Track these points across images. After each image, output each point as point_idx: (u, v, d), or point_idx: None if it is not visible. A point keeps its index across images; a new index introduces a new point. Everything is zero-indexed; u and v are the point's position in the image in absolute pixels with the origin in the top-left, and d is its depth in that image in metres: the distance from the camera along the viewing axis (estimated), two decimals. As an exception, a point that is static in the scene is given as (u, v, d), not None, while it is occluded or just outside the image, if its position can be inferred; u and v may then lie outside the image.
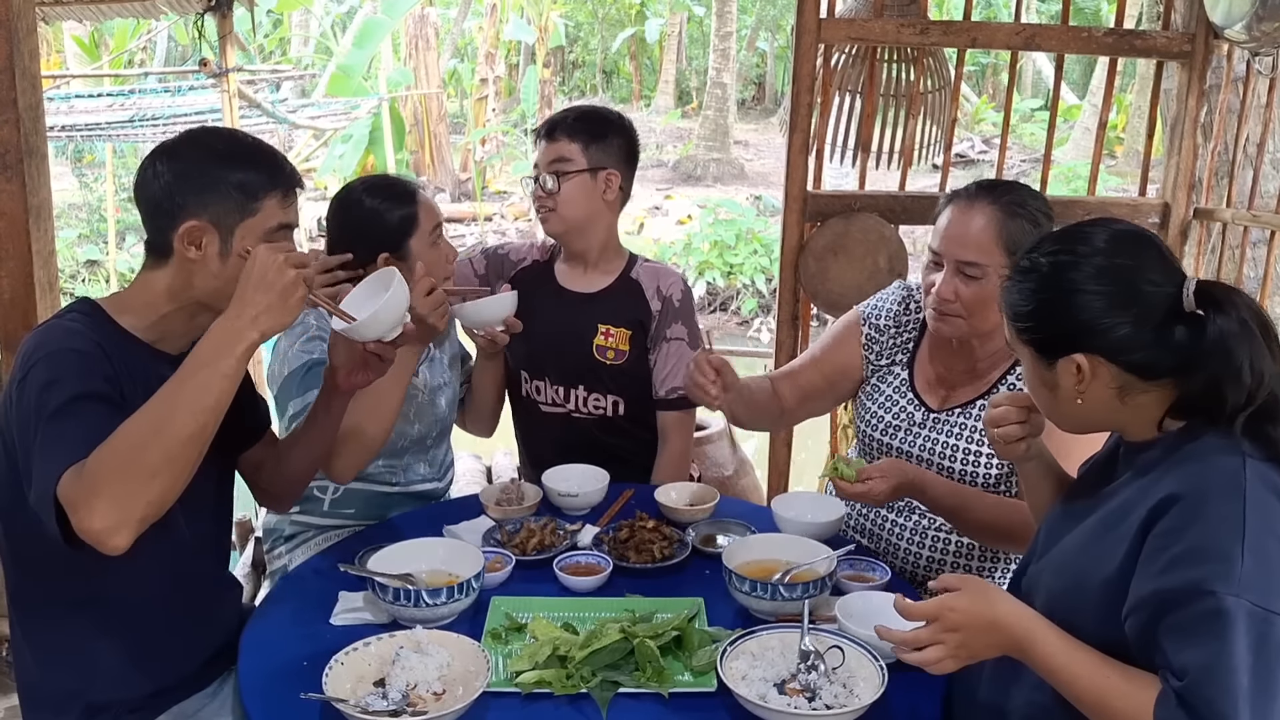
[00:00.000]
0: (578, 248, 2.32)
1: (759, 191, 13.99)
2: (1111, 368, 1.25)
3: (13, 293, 2.38)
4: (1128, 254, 1.27)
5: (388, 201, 2.02)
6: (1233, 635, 1.09)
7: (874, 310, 2.07)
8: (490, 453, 4.58)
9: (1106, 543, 1.26)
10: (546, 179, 2.23)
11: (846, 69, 3.09)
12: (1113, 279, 1.25)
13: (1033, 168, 13.85)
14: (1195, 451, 1.23)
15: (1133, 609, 1.18)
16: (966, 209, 1.80)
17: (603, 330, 2.29)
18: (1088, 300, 1.25)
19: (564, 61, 22.57)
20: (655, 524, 1.85)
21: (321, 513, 2.15)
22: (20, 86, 2.29)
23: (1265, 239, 3.10)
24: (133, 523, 1.25)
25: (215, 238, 1.47)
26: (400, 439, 2.13)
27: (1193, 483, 1.19)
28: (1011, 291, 1.34)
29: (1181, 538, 1.15)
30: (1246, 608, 1.09)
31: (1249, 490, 1.15)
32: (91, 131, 7.34)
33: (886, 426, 1.98)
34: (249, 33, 11.84)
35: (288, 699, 1.35)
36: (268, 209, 1.49)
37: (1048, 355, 1.30)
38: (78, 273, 10.84)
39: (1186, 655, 1.10)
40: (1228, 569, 1.11)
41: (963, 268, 1.79)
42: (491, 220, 13.46)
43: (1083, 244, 1.29)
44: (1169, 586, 1.14)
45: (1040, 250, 1.33)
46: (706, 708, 1.37)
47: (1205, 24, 2.92)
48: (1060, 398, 1.31)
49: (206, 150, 1.50)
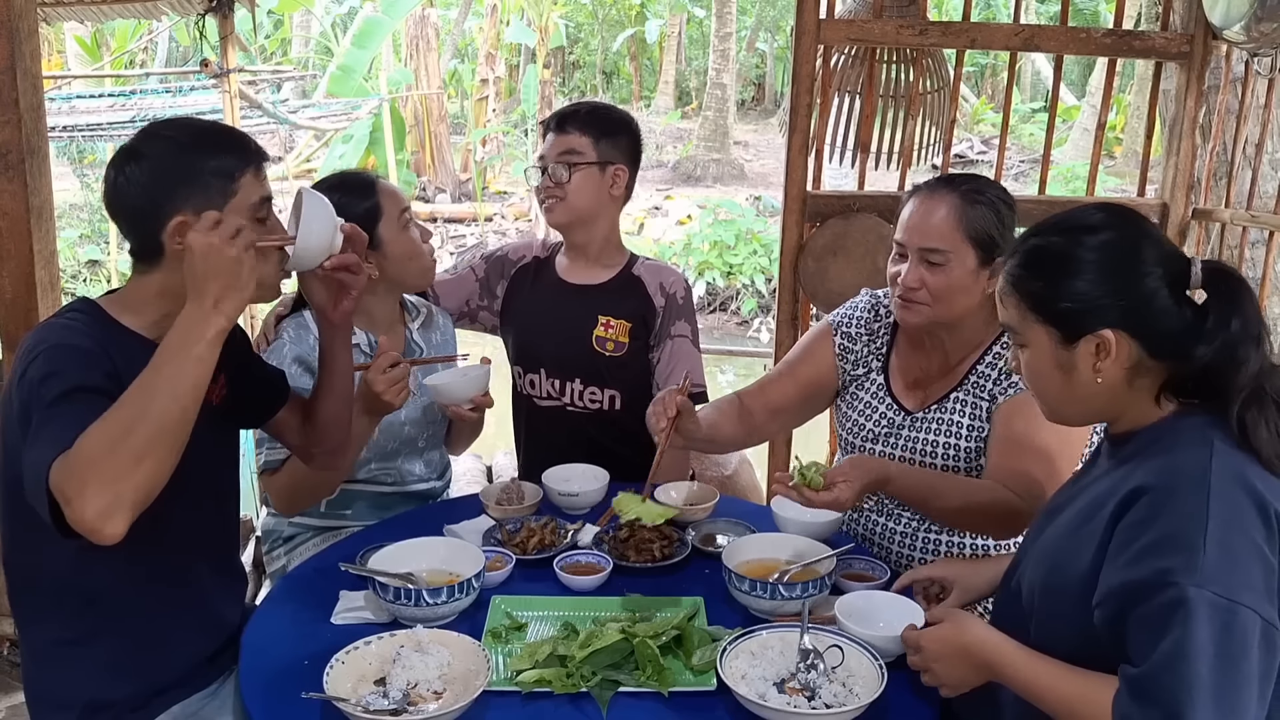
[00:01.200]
0: (580, 240, 2.33)
1: (759, 192, 14.00)
2: (1132, 344, 1.27)
3: (14, 292, 2.39)
4: (1140, 228, 1.31)
5: (349, 195, 2.01)
6: (1194, 625, 1.10)
7: (844, 319, 2.07)
8: (490, 453, 4.59)
9: (1081, 536, 1.28)
10: (557, 169, 2.23)
11: (846, 69, 3.10)
12: (1129, 248, 1.28)
13: (1031, 168, 13.87)
14: (1167, 443, 1.25)
15: (1100, 601, 1.20)
16: (928, 199, 1.84)
17: (603, 321, 2.29)
18: (1109, 270, 1.27)
19: (564, 62, 22.58)
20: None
21: (319, 514, 2.16)
22: (22, 87, 2.29)
23: (1264, 239, 3.11)
24: (125, 508, 1.24)
25: None
26: (390, 440, 2.14)
27: (1159, 475, 1.21)
28: (1020, 277, 1.33)
29: (1147, 530, 1.17)
30: (1209, 598, 1.10)
31: (1213, 482, 1.17)
32: (93, 132, 7.35)
33: (868, 434, 1.99)
34: (250, 33, 11.86)
35: (289, 698, 1.35)
36: (246, 187, 1.48)
37: (1071, 334, 1.29)
38: (79, 273, 10.85)
39: (1148, 645, 1.12)
40: (1190, 560, 1.12)
41: (926, 255, 1.82)
42: (492, 220, 13.46)
43: (1087, 219, 1.32)
44: (1134, 578, 1.16)
45: (1044, 233, 1.34)
46: (706, 707, 1.37)
47: (1204, 25, 2.93)
48: (1076, 380, 1.31)
49: (173, 144, 1.48)
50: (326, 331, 1.72)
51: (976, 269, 1.82)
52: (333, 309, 1.67)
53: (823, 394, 2.10)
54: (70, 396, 1.33)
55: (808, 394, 2.09)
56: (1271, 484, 1.20)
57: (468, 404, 2.06)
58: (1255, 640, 1.11)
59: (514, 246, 2.50)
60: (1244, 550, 1.13)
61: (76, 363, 1.37)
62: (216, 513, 1.69)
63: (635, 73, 22.81)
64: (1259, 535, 1.14)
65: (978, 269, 1.82)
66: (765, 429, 2.11)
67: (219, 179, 1.47)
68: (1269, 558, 1.14)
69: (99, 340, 1.43)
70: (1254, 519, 1.15)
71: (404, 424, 2.15)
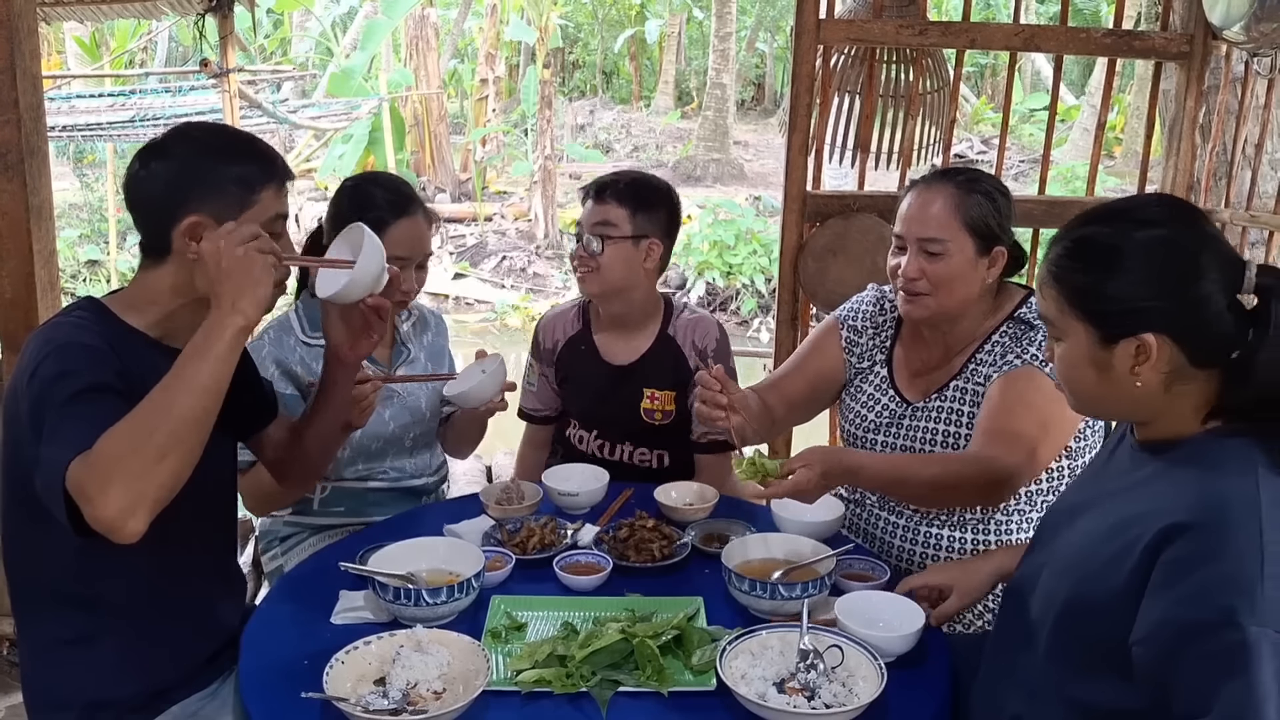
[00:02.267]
0: (615, 310, 2.33)
1: (758, 192, 13.99)
2: (1173, 349, 1.20)
3: (14, 292, 2.39)
4: (1199, 227, 1.23)
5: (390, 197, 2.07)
6: (1258, 668, 1.04)
7: (850, 313, 2.11)
8: (491, 453, 4.58)
9: (1112, 554, 1.21)
10: (591, 240, 2.22)
11: (846, 69, 3.10)
12: (1184, 248, 1.20)
13: (1031, 168, 13.87)
14: (1208, 466, 1.18)
15: (1144, 638, 1.14)
16: (924, 191, 1.88)
17: (648, 395, 2.29)
18: (1161, 271, 1.19)
19: (564, 62, 22.56)
20: (655, 523, 1.85)
21: (313, 512, 2.16)
22: (21, 86, 2.29)
23: (1263, 239, 3.11)
24: (146, 505, 1.26)
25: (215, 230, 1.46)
26: (373, 441, 2.13)
27: (1205, 507, 1.14)
28: (1064, 268, 1.27)
29: (1198, 566, 1.10)
30: (1271, 638, 1.05)
31: (1265, 513, 1.10)
32: (92, 131, 7.35)
33: (870, 425, 2.01)
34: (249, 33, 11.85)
35: (288, 698, 1.35)
36: (265, 200, 1.50)
37: (1112, 334, 1.22)
38: (79, 273, 10.85)
39: (1211, 693, 1.06)
40: (1250, 600, 1.06)
41: (925, 245, 1.85)
42: (491, 220, 13.45)
43: (1144, 212, 1.24)
44: (1189, 618, 1.09)
45: (1095, 223, 1.26)
46: (706, 707, 1.37)
47: (1204, 25, 2.93)
48: (1111, 380, 1.24)
49: (201, 146, 1.50)
50: (334, 366, 1.71)
51: (975, 257, 1.85)
52: (348, 348, 1.67)
53: (830, 388, 2.12)
54: (84, 396, 1.34)
55: (816, 388, 2.11)
56: None
57: (496, 399, 2.06)
58: None
59: (545, 328, 2.45)
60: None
61: (88, 361, 1.38)
62: (215, 515, 1.69)
63: (635, 73, 22.79)
64: None
65: (976, 257, 1.85)
66: (784, 423, 2.15)
67: (239, 187, 1.48)
68: None
69: (106, 339, 1.44)
70: None
71: (388, 422, 2.15)
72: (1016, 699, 1.35)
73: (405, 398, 2.16)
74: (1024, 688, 1.34)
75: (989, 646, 1.49)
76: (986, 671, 1.46)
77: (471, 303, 11.73)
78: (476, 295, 11.86)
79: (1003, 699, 1.38)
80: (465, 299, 11.74)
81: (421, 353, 2.23)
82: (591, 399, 2.37)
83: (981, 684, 1.46)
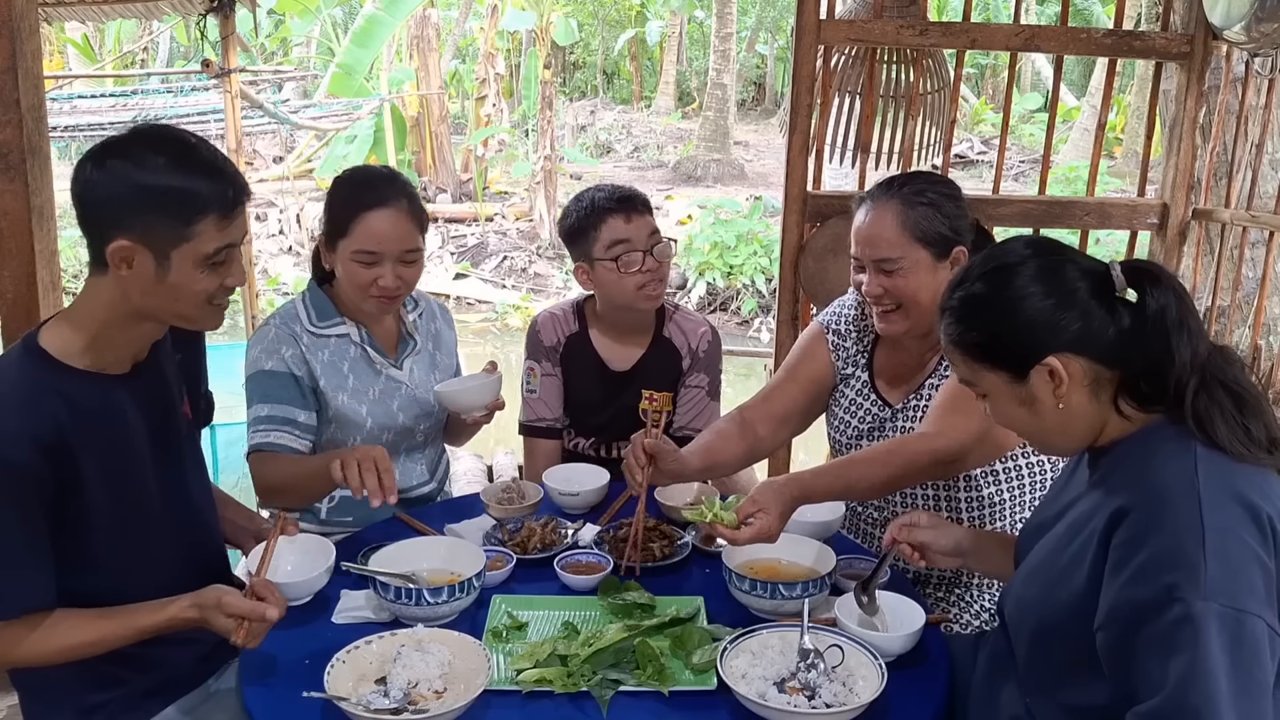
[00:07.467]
0: (635, 320, 2.35)
1: (759, 192, 13.99)
2: (1082, 361, 1.26)
3: (15, 292, 2.39)
4: (1049, 250, 1.31)
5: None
6: (1206, 640, 1.08)
7: (834, 318, 2.12)
8: (491, 453, 4.59)
9: (1071, 554, 1.27)
10: (663, 248, 2.24)
11: (846, 70, 3.10)
12: (1052, 273, 1.28)
13: (1032, 168, 13.88)
14: (1145, 453, 1.24)
15: (1103, 624, 1.18)
16: (872, 209, 1.88)
17: (646, 395, 2.29)
18: (1039, 300, 1.26)
19: (565, 62, 22.57)
20: (655, 523, 1.86)
21: (319, 520, 2.15)
22: (23, 87, 2.30)
23: (1264, 239, 3.11)
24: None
25: (148, 258, 1.38)
26: (384, 433, 2.12)
27: (1145, 489, 1.20)
28: (958, 331, 1.34)
29: (1143, 545, 1.15)
30: (1216, 610, 1.09)
31: (1203, 492, 1.16)
32: (94, 131, 7.36)
33: (854, 430, 2.03)
34: (250, 33, 11.85)
35: (289, 697, 1.35)
36: (203, 234, 1.39)
37: (1019, 371, 1.29)
38: (80, 272, 10.83)
39: (1162, 668, 1.10)
40: (1193, 573, 1.11)
41: (881, 265, 1.86)
42: (492, 220, 13.46)
43: (1006, 257, 1.32)
44: (1137, 597, 1.14)
45: (968, 281, 1.34)
46: (706, 706, 1.38)
47: (1204, 25, 2.93)
48: (1042, 411, 1.30)
49: (139, 163, 1.37)
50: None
51: (933, 264, 1.86)
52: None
53: (824, 393, 2.13)
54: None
55: (811, 395, 2.11)
56: (1258, 486, 1.18)
57: (480, 412, 2.06)
58: (1265, 646, 1.10)
59: (545, 327, 2.43)
60: (1243, 558, 1.12)
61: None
62: (200, 524, 1.68)
63: (636, 73, 22.81)
64: (1255, 542, 1.13)
65: (935, 263, 1.86)
66: (769, 442, 2.07)
67: (172, 218, 1.37)
68: (1266, 563, 1.13)
69: (33, 393, 1.39)
70: (1249, 526, 1.14)
71: (397, 414, 2.14)
72: (1015, 700, 1.36)
73: (413, 389, 2.15)
74: (1021, 689, 1.35)
75: (987, 650, 1.49)
76: (985, 672, 1.46)
77: (472, 303, 11.74)
78: (477, 295, 11.87)
79: (1002, 700, 1.38)
80: (466, 299, 11.75)
81: (428, 343, 2.23)
82: (590, 402, 2.38)
83: (980, 684, 1.46)
